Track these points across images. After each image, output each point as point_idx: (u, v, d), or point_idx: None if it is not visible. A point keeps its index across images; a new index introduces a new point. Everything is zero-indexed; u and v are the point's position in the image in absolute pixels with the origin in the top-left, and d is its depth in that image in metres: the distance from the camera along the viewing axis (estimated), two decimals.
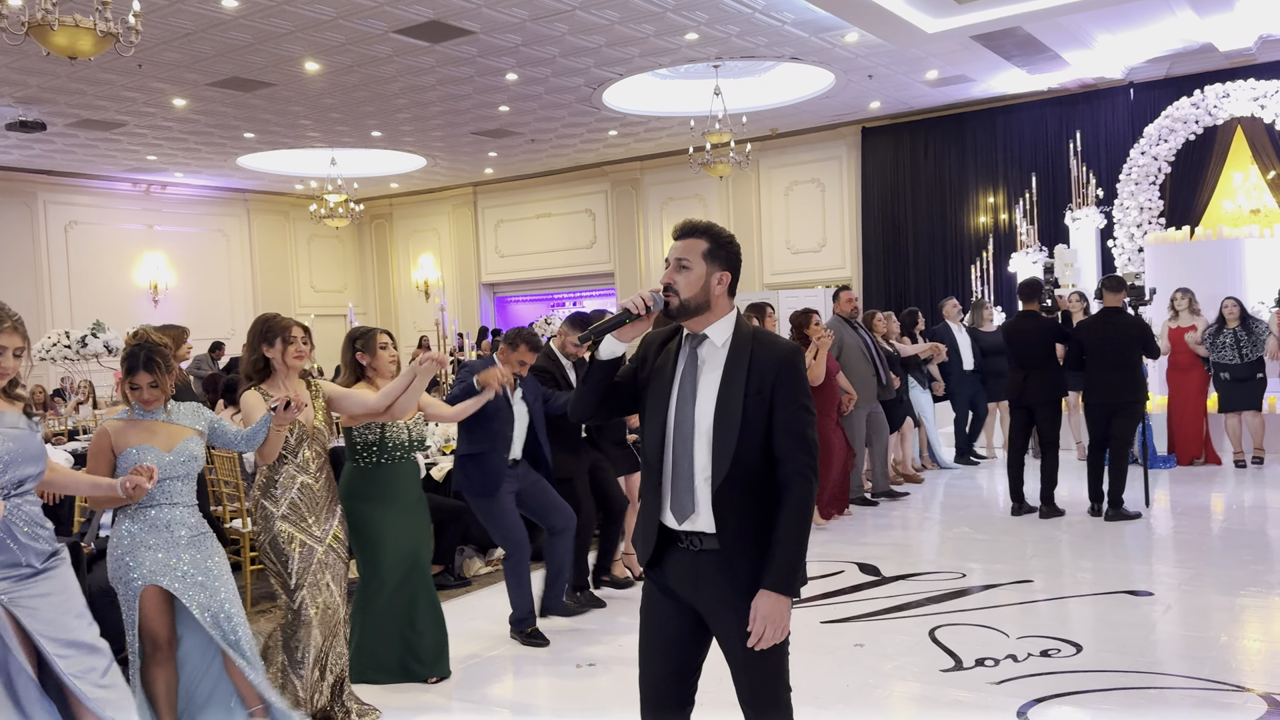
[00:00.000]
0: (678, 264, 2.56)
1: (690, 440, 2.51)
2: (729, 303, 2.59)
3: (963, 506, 8.44)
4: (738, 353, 2.53)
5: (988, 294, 13.55)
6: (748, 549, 2.49)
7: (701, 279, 2.54)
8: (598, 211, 18.67)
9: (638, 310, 2.51)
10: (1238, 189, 13.13)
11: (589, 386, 2.61)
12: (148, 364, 3.55)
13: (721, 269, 2.56)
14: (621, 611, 5.71)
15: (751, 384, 2.49)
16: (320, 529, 4.09)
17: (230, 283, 18.99)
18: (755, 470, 2.50)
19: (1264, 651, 4.69)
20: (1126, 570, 6.16)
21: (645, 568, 2.64)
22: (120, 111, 12.87)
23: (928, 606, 5.48)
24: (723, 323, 2.57)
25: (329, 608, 4.08)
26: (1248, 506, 7.87)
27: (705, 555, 2.51)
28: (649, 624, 2.64)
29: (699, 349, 2.58)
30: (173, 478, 3.57)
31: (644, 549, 2.62)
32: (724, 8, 10.12)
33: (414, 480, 4.71)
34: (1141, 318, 7.91)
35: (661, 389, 2.57)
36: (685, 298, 2.53)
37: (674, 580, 2.57)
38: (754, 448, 2.49)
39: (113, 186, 17.23)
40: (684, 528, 2.53)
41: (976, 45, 11.77)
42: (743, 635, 2.47)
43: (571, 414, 2.75)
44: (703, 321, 2.57)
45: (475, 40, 10.69)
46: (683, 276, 2.54)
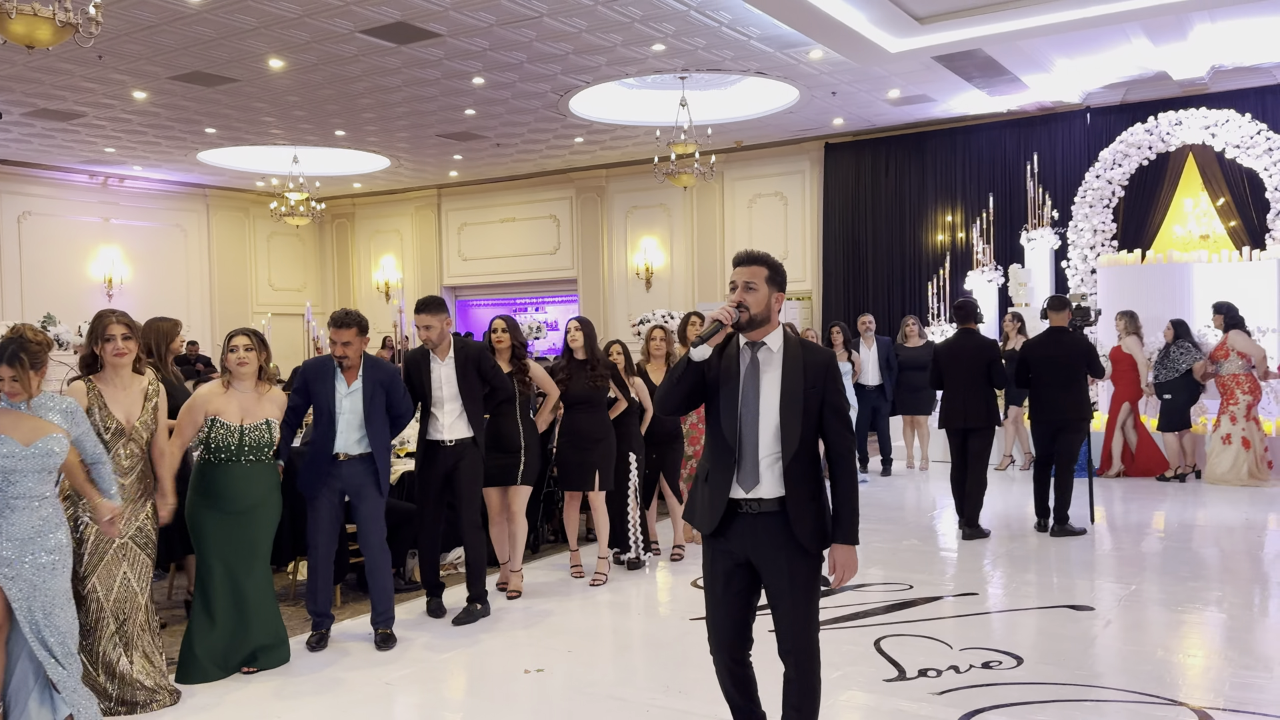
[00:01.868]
0: (745, 286, 3.18)
1: (756, 426, 3.13)
2: (779, 317, 3.26)
3: (913, 519, 8.55)
4: (791, 356, 3.18)
5: (944, 310, 13.75)
6: (804, 510, 3.13)
7: (765, 299, 3.18)
8: (562, 218, 18.68)
9: (729, 321, 3.11)
10: (1188, 214, 13.44)
11: (681, 384, 3.19)
12: (12, 358, 3.67)
13: (778, 291, 3.23)
14: (567, 612, 5.74)
15: (808, 381, 3.16)
16: (122, 522, 4.22)
17: (188, 279, 18.75)
18: (809, 448, 3.16)
19: (1199, 666, 4.81)
20: (1069, 585, 6.28)
21: (709, 536, 3.22)
22: (79, 102, 12.69)
23: (874, 617, 5.56)
24: (777, 333, 3.22)
25: (122, 599, 4.28)
26: (1188, 524, 8.05)
27: (764, 517, 3.14)
28: (713, 580, 3.25)
29: (758, 354, 3.19)
30: (24, 471, 3.64)
31: (711, 518, 3.19)
32: (691, 20, 10.20)
33: (244, 484, 4.65)
34: (1086, 337, 8.08)
35: (730, 386, 3.18)
36: (754, 313, 3.17)
37: (735, 542, 3.18)
38: (810, 430, 3.16)
39: (69, 178, 16.95)
40: (750, 496, 3.13)
41: (938, 66, 11.96)
42: (791, 579, 3.13)
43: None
44: (763, 332, 3.20)
45: (442, 43, 10.68)
46: (752, 296, 3.17)
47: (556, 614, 5.81)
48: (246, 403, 4.67)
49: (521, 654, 5.08)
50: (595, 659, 5.09)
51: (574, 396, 6.33)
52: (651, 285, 17.72)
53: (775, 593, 3.18)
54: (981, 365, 7.60)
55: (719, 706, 3.60)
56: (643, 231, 17.87)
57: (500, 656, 5.07)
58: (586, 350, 6.38)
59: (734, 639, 3.27)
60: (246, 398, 4.69)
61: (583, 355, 6.38)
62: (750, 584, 3.24)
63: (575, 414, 6.36)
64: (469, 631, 5.47)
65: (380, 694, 4.59)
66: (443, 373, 5.57)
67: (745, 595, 3.24)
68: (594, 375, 6.31)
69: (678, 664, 4.90)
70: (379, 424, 5.16)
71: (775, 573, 3.16)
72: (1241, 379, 9.64)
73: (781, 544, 3.13)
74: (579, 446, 6.34)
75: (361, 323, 5.17)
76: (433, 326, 5.54)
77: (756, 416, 3.14)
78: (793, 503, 3.12)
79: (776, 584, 3.16)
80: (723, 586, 3.23)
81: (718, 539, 3.22)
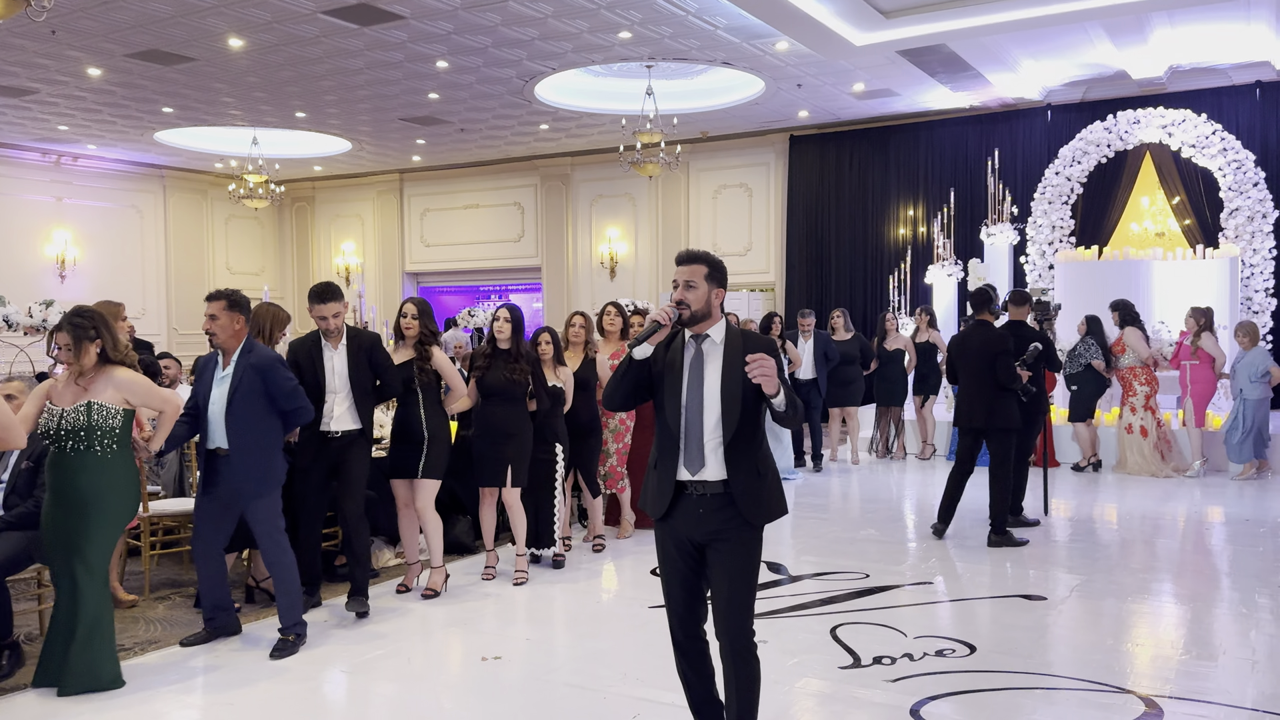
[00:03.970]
0: (686, 284, 3.34)
1: (700, 413, 3.30)
2: (721, 310, 3.42)
3: (869, 510, 8.63)
4: (732, 347, 3.33)
5: (904, 303, 13.87)
6: (746, 487, 3.29)
7: (705, 295, 3.34)
8: (526, 205, 18.59)
9: (667, 321, 3.27)
10: (1145, 212, 13.67)
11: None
12: None
13: (718, 286, 3.39)
14: (531, 595, 5.73)
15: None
16: None
17: (143, 261, 18.42)
18: (749, 431, 3.31)
19: (1147, 655, 4.90)
20: (1022, 575, 6.37)
21: (659, 520, 3.39)
22: (31, 78, 12.39)
23: (831, 605, 5.60)
24: (719, 325, 3.38)
25: None
26: (1140, 516, 8.19)
27: (708, 498, 3.31)
28: (666, 559, 3.42)
29: (702, 345, 3.35)
30: None
31: (660, 502, 3.36)
32: (658, 8, 10.17)
33: (60, 473, 4.29)
34: (1044, 332, 8.15)
35: (675, 377, 3.35)
36: (695, 309, 3.33)
37: (681, 523, 3.34)
38: (750, 414, 3.31)
39: (20, 156, 16.57)
40: (695, 478, 3.30)
41: (902, 60, 12.03)
42: (732, 556, 3.28)
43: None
44: (705, 325, 3.36)
45: (406, 25, 10.56)
46: (692, 294, 3.33)
47: (504, 606, 5.79)
48: (71, 391, 4.34)
49: (479, 642, 5.06)
50: (552, 647, 5.09)
51: (490, 387, 6.06)
52: (616, 274, 17.70)
53: (716, 571, 3.32)
54: (988, 360, 7.11)
55: (676, 694, 3.62)
56: (608, 220, 17.83)
57: (459, 643, 5.05)
58: (512, 341, 6.08)
59: (685, 612, 3.43)
60: (71, 387, 4.36)
61: (507, 345, 6.08)
62: (700, 561, 3.39)
63: (490, 406, 6.08)
64: (422, 620, 5.44)
65: (334, 682, 4.55)
66: (335, 362, 5.39)
67: (697, 571, 3.40)
68: (514, 367, 6.03)
69: (635, 652, 4.91)
70: (242, 416, 4.76)
71: (718, 551, 3.31)
72: (1139, 371, 10.01)
73: (724, 521, 3.30)
74: (492, 440, 6.06)
75: (232, 297, 4.78)
76: (339, 315, 5.37)
77: (701, 404, 3.31)
78: (734, 481, 3.29)
79: (717, 562, 3.32)
80: (674, 564, 3.40)
81: (668, 521, 3.38)
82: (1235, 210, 12.54)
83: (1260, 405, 9.53)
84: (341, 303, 5.40)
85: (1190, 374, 9.96)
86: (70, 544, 4.23)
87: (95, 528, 4.24)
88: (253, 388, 4.76)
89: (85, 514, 4.22)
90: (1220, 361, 9.95)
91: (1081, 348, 10.34)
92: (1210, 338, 9.91)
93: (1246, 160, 12.47)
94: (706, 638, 3.47)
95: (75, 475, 4.23)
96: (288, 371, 4.93)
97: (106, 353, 4.34)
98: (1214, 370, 9.94)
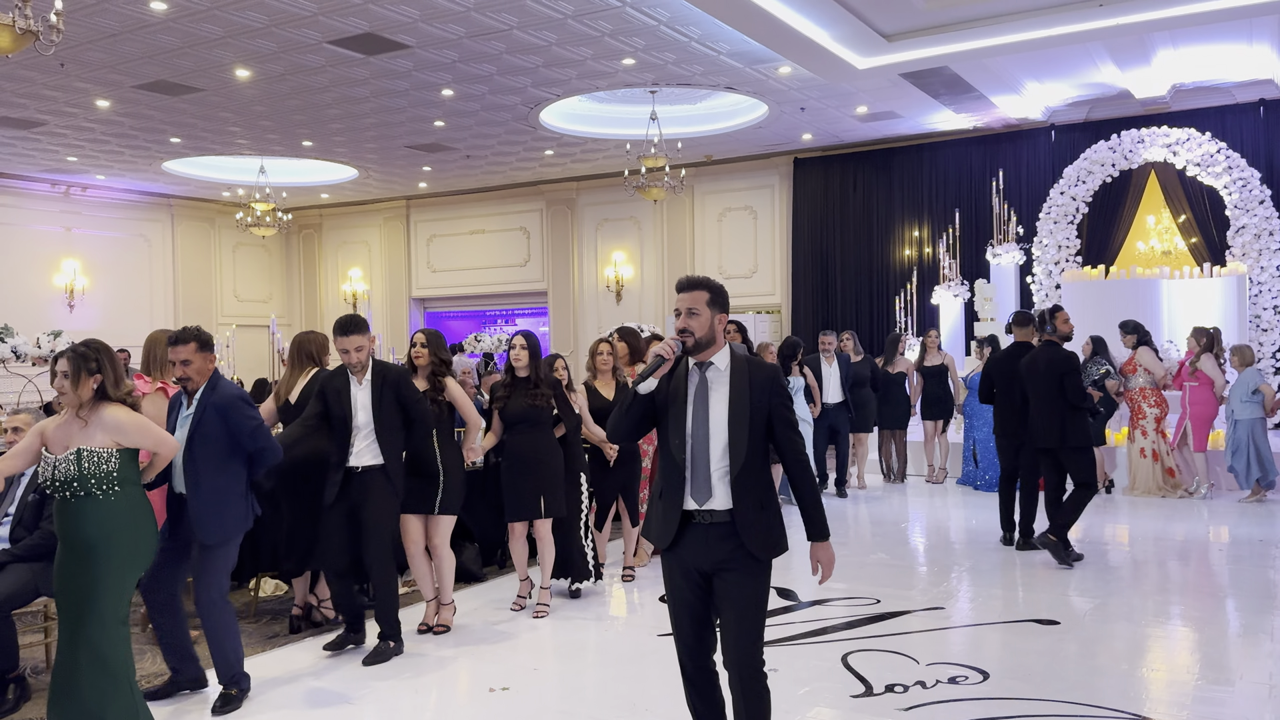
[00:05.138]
0: (689, 312, 3.31)
1: (707, 442, 3.27)
2: (724, 336, 3.39)
3: (879, 534, 8.58)
4: (738, 374, 3.32)
5: (910, 324, 13.85)
6: (751, 519, 3.26)
7: (708, 322, 3.32)
8: (532, 230, 18.64)
9: (671, 355, 3.28)
10: (1151, 231, 13.66)
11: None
12: None
13: (720, 312, 3.37)
14: (539, 625, 5.69)
15: (754, 396, 3.29)
16: None
17: (151, 290, 18.49)
18: (756, 461, 3.28)
19: (1162, 681, 4.84)
20: (1035, 599, 6.31)
21: (665, 550, 3.35)
22: (40, 110, 12.50)
23: (841, 632, 5.55)
24: (723, 352, 3.36)
25: None
26: (1152, 538, 8.13)
27: (715, 527, 3.27)
28: (674, 592, 3.39)
29: (707, 373, 3.33)
30: None
31: (666, 532, 3.33)
32: (661, 35, 10.23)
33: (64, 520, 3.98)
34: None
35: (679, 407, 3.32)
36: (699, 337, 3.31)
37: (688, 552, 3.31)
38: (757, 443, 3.29)
39: (30, 187, 16.68)
40: (702, 508, 3.27)
41: (905, 83, 12.07)
42: (740, 588, 3.25)
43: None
44: (710, 352, 3.34)
45: (411, 54, 10.64)
46: (695, 321, 3.31)
47: (518, 637, 5.76)
48: (69, 431, 4.03)
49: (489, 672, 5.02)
50: (563, 677, 5.05)
51: (514, 415, 5.93)
52: (622, 298, 17.71)
53: (724, 601, 3.29)
54: (1056, 380, 7.12)
55: None
56: (613, 244, 17.87)
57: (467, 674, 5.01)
58: (530, 367, 5.97)
59: (694, 643, 3.39)
60: (71, 426, 4.04)
61: (525, 372, 5.96)
62: (708, 591, 3.35)
63: (516, 435, 5.95)
64: (429, 652, 5.40)
65: (344, 715, 4.52)
66: (359, 396, 5.28)
67: (704, 600, 3.36)
68: (535, 394, 5.92)
69: (644, 682, 4.87)
70: (200, 458, 4.51)
71: (725, 582, 3.28)
72: (1148, 393, 9.93)
73: (731, 551, 3.26)
74: (520, 470, 5.92)
75: (201, 337, 4.58)
76: (362, 348, 5.24)
77: (707, 433, 3.28)
78: (740, 512, 3.25)
79: (725, 592, 3.28)
80: (681, 594, 3.37)
81: (674, 551, 3.35)
82: (1242, 228, 12.52)
83: (1254, 426, 9.40)
84: (365, 335, 5.29)
85: (1189, 395, 9.88)
86: (82, 595, 3.92)
87: (108, 573, 3.95)
88: (213, 428, 4.54)
89: (94, 560, 3.94)
90: (1219, 384, 9.84)
91: (1093, 367, 10.22)
92: (1209, 359, 9.83)
93: (1252, 178, 12.47)
94: (716, 668, 3.44)
95: (79, 522, 3.96)
96: (251, 409, 4.65)
97: (106, 389, 4.07)
98: (1214, 393, 9.85)
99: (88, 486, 3.95)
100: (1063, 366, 7.17)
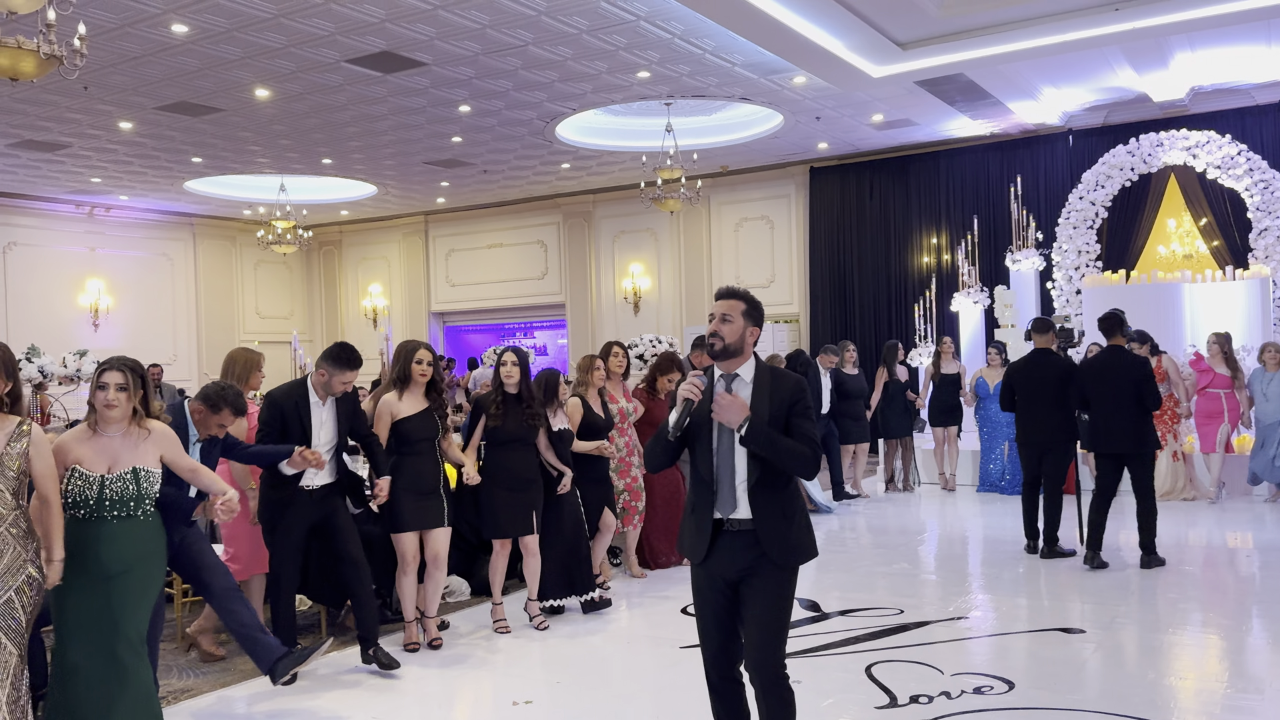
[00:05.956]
0: (722, 318, 3.37)
1: (732, 455, 3.33)
2: (753, 349, 3.44)
3: (901, 543, 8.54)
4: (760, 386, 3.36)
5: (930, 332, 13.80)
6: (773, 527, 3.31)
7: (740, 331, 3.38)
8: (550, 243, 18.71)
9: (697, 397, 3.32)
10: (1171, 235, 13.55)
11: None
12: None
13: (753, 325, 3.42)
14: (558, 638, 5.70)
15: (774, 407, 3.33)
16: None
17: (174, 307, 18.69)
18: (776, 470, 3.31)
19: (1190, 689, 4.79)
20: (1060, 607, 6.27)
21: (697, 563, 3.41)
22: (64, 133, 12.68)
23: (865, 643, 5.53)
24: (749, 364, 3.42)
25: None
26: (1177, 545, 8.05)
27: (741, 536, 3.33)
28: (703, 604, 3.43)
29: (732, 385, 3.38)
30: None
31: (699, 547, 3.38)
32: (675, 48, 10.27)
33: (106, 544, 3.83)
34: (1071, 359, 8.09)
35: (705, 421, 3.37)
36: (728, 343, 3.36)
37: (716, 564, 3.36)
38: None
39: (55, 208, 16.91)
40: (730, 518, 3.33)
41: (920, 90, 12.06)
42: (763, 593, 3.29)
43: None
44: (736, 363, 3.39)
45: (428, 72, 10.72)
46: (727, 327, 3.37)
47: (529, 652, 5.76)
48: (114, 449, 3.88)
49: (510, 685, 5.03)
50: (586, 691, 5.05)
51: (510, 434, 5.89)
52: (640, 309, 17.74)
53: (747, 606, 3.34)
54: (1133, 385, 7.13)
55: None
56: (630, 256, 17.91)
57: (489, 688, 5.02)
58: (521, 385, 5.97)
59: (719, 651, 3.43)
60: (114, 443, 3.89)
61: (515, 390, 5.95)
62: (734, 598, 3.40)
63: (509, 453, 5.91)
64: (442, 668, 5.42)
65: None
66: (323, 415, 5.28)
67: (730, 608, 3.40)
68: (529, 412, 5.95)
69: (667, 695, 4.86)
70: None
71: (749, 588, 3.33)
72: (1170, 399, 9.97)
73: (755, 560, 3.32)
74: (513, 487, 5.89)
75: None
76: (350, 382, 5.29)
77: (732, 446, 3.33)
78: (760, 521, 3.31)
79: (748, 597, 3.33)
80: (707, 599, 3.42)
81: (706, 564, 3.40)
82: (1264, 230, 12.40)
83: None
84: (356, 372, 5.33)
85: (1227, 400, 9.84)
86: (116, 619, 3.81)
87: (142, 595, 3.90)
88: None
89: (129, 582, 3.86)
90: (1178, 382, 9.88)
91: None
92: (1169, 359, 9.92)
93: (1274, 180, 12.36)
94: (742, 679, 3.46)
95: (122, 544, 3.85)
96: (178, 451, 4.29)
97: (148, 403, 4.00)
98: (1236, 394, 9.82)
99: (142, 506, 3.89)
100: (1138, 372, 7.18)
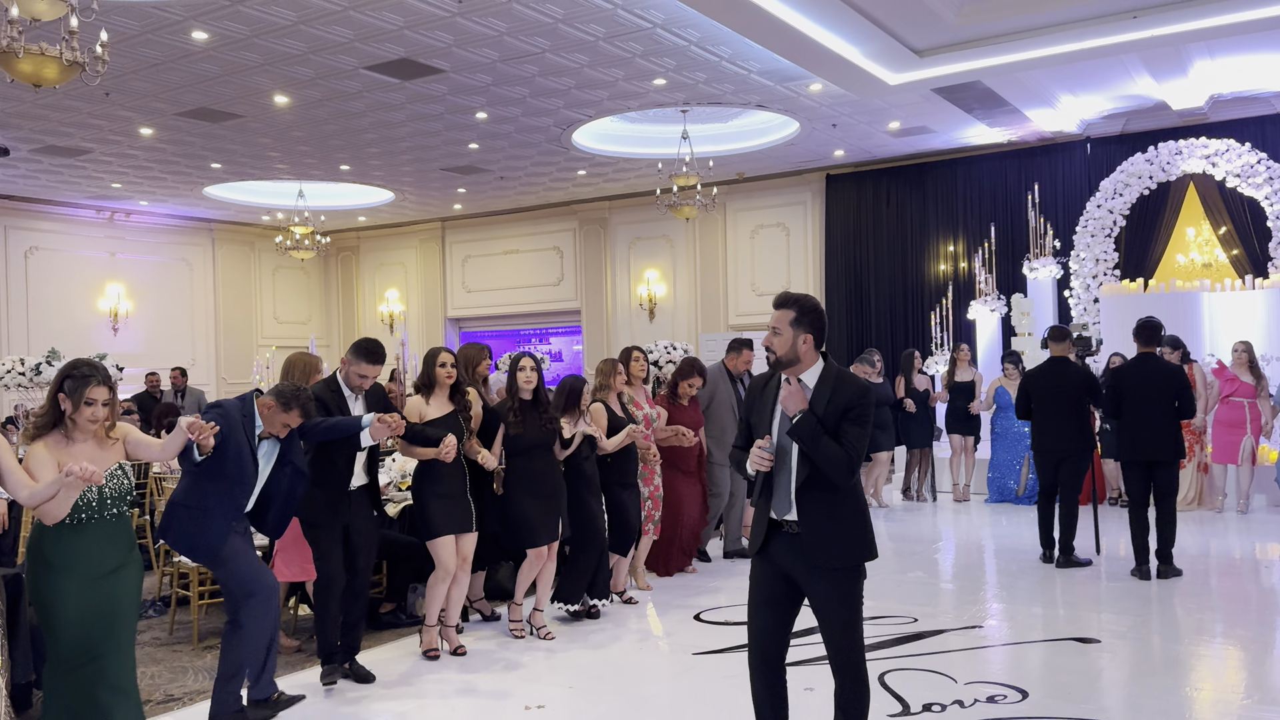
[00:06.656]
0: (773, 331, 3.43)
1: (789, 456, 3.38)
2: (815, 354, 3.44)
3: (916, 552, 8.50)
4: (821, 390, 3.38)
5: (947, 340, 13.75)
6: (819, 531, 3.35)
7: (789, 341, 3.41)
8: (565, 249, 18.76)
9: (768, 468, 3.36)
10: (1190, 243, 13.46)
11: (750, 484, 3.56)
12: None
13: (806, 332, 3.41)
14: (572, 644, 5.70)
15: (829, 412, 3.34)
16: None
17: (193, 312, 18.82)
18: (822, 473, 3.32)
19: (1207, 700, 4.76)
20: (1075, 617, 6.23)
21: (756, 554, 3.50)
22: (86, 139, 12.80)
23: (878, 651, 5.51)
24: (814, 369, 3.43)
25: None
26: (1193, 555, 7.99)
27: (795, 537, 3.39)
28: (757, 588, 3.50)
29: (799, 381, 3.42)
30: None
31: (756, 538, 3.48)
32: (692, 55, 10.29)
33: (109, 543, 3.88)
34: (1088, 367, 8.05)
35: (764, 421, 3.45)
36: (780, 355, 3.42)
37: (777, 557, 3.45)
38: None
39: (75, 213, 17.07)
40: (784, 519, 3.40)
41: (937, 98, 12.03)
42: (826, 595, 3.37)
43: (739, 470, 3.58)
44: (798, 369, 3.43)
45: (445, 79, 10.78)
46: (777, 340, 3.42)
47: (541, 657, 5.77)
48: (90, 450, 3.88)
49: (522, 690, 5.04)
50: (600, 696, 5.06)
51: (531, 441, 5.85)
52: (655, 316, 17.75)
53: (816, 609, 3.45)
54: (1171, 394, 7.18)
55: None
56: (646, 262, 17.93)
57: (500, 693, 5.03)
58: (539, 390, 5.95)
59: (766, 643, 3.48)
60: (89, 445, 3.89)
61: (530, 396, 5.90)
62: (789, 596, 3.47)
63: (533, 460, 5.86)
64: (459, 673, 5.44)
65: None
66: (358, 408, 5.25)
67: (783, 604, 3.46)
68: (546, 418, 5.91)
69: (682, 699, 4.86)
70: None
71: (812, 592, 3.42)
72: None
73: (811, 565, 3.38)
74: (542, 495, 5.86)
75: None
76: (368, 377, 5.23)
77: (789, 447, 3.38)
78: (806, 524, 3.35)
79: (815, 601, 3.43)
80: (762, 594, 3.48)
81: (763, 554, 3.49)
82: None
83: None
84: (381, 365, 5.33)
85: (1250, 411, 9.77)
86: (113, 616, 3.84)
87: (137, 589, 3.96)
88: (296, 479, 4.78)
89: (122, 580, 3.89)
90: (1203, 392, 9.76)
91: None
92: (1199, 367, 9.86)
93: None
94: (784, 672, 3.53)
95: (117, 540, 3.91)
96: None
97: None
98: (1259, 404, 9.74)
99: (128, 500, 3.94)
100: (1177, 381, 7.24)
